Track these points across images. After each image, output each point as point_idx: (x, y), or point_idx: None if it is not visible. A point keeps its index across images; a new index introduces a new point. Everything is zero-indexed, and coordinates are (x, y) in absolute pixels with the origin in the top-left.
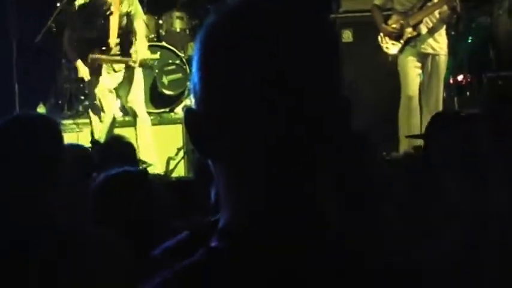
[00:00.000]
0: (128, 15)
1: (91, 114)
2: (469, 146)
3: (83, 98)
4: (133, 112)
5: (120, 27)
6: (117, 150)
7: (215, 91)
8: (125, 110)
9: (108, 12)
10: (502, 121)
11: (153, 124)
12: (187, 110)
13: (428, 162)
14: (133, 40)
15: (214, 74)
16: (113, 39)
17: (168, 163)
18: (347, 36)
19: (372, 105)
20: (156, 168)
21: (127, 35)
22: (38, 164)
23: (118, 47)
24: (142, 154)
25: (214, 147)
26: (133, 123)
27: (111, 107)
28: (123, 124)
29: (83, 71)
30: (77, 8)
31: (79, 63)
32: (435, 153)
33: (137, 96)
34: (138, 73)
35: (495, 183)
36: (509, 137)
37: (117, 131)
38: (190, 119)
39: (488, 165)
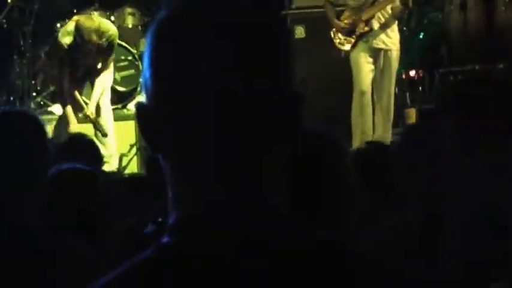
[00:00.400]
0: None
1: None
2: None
3: (34, 94)
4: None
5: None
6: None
7: (165, 84)
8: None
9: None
10: (460, 116)
11: None
12: (139, 106)
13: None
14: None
15: (164, 68)
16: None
17: (120, 160)
18: (299, 32)
19: (325, 101)
20: (112, 163)
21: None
22: (26, 160)
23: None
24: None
25: (164, 141)
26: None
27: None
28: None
29: (73, 121)
30: (66, 46)
31: (69, 109)
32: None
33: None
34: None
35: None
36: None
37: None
38: (142, 114)
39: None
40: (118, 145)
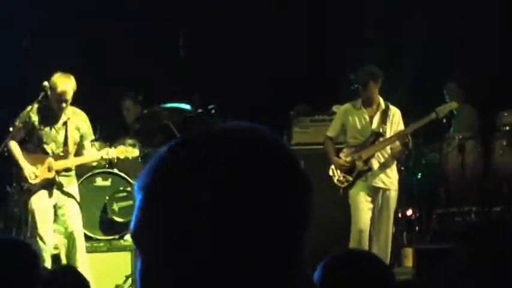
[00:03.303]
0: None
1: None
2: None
3: None
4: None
5: (73, 142)
6: (67, 281)
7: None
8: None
9: (62, 124)
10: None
11: (102, 251)
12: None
13: None
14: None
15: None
16: (71, 147)
17: None
18: None
19: (323, 238)
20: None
21: (77, 152)
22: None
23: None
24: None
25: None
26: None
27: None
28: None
29: (31, 172)
30: (36, 123)
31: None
32: None
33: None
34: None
35: None
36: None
37: None
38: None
39: None
40: (113, 276)
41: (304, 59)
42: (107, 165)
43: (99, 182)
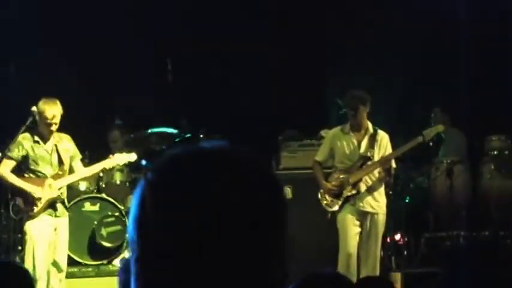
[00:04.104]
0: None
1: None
2: None
3: (20, 248)
4: (56, 263)
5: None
6: None
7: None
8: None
9: (53, 147)
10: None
11: (90, 276)
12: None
13: None
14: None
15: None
16: (67, 166)
17: None
18: (286, 192)
19: (310, 262)
20: None
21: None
22: None
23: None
24: None
25: None
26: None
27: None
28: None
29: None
30: (29, 149)
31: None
32: None
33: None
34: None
35: None
36: None
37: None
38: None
39: None
40: None
41: (293, 84)
42: (95, 190)
43: (88, 207)
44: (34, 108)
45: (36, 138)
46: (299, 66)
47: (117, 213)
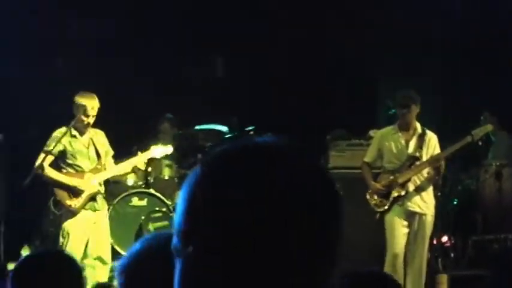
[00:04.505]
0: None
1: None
2: None
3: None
4: (99, 257)
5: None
6: None
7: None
8: None
9: (89, 141)
10: None
11: None
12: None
13: None
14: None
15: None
16: (104, 160)
17: None
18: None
19: (357, 261)
20: None
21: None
22: None
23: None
24: None
25: None
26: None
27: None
28: None
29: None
30: (67, 144)
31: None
32: None
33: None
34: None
35: None
36: None
37: None
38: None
39: None
40: None
41: (343, 84)
42: (143, 185)
43: (135, 201)
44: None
45: (74, 132)
46: (351, 66)
47: (164, 209)
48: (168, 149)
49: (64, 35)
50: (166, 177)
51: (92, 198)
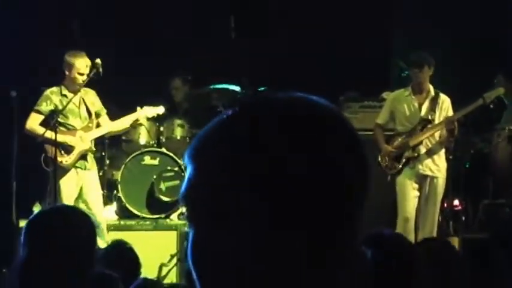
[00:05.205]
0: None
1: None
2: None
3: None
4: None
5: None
6: (120, 255)
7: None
8: (120, 212)
9: (80, 100)
10: None
11: (148, 230)
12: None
13: None
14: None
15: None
16: (95, 119)
17: (160, 269)
18: None
19: (369, 223)
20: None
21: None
22: (77, 255)
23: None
24: None
25: None
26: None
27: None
28: (119, 228)
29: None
30: (58, 103)
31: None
32: None
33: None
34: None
35: None
36: None
37: (112, 234)
38: None
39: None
40: (159, 254)
41: (355, 45)
42: (155, 145)
43: (147, 160)
44: (98, 60)
45: (64, 91)
46: (362, 29)
47: (176, 168)
48: (159, 109)
49: None
50: (178, 137)
51: (83, 157)
